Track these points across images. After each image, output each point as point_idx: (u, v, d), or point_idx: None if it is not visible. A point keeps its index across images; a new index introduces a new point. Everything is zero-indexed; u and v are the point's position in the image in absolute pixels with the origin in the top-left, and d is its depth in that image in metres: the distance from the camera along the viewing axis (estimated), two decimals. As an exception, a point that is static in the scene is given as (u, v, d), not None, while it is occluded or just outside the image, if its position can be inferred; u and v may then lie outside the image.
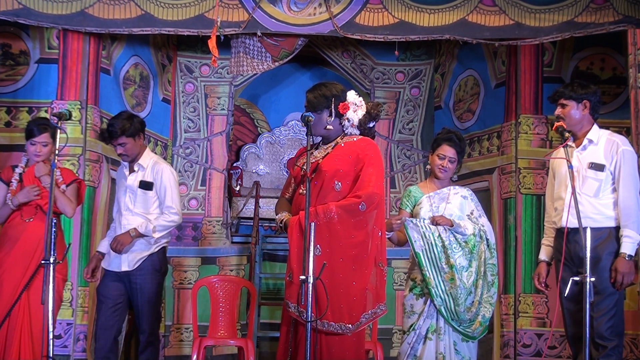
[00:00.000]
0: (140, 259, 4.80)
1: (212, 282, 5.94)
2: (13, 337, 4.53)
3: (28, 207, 4.69)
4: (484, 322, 4.47)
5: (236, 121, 7.40)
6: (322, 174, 3.73)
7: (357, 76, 7.04)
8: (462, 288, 4.40)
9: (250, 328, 5.85)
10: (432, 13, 5.52)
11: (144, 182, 4.83)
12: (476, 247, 4.48)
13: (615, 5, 5.29)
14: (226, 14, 5.56)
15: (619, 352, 4.05)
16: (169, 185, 4.83)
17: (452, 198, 4.58)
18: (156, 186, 4.83)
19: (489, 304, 4.48)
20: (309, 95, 3.85)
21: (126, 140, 4.76)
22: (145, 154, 4.90)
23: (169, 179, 4.84)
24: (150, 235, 4.77)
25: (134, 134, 4.78)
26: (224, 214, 6.80)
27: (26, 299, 4.56)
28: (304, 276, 3.41)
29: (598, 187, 4.10)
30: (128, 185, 4.86)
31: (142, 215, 4.82)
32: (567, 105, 4.19)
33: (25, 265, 4.59)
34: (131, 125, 4.76)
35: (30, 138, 4.71)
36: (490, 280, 4.50)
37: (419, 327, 4.44)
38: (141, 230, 4.75)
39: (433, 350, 4.42)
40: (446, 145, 4.54)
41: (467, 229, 4.47)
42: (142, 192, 4.82)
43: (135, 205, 4.83)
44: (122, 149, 4.78)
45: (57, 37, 5.60)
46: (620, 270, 3.98)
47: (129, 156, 4.82)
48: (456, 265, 4.41)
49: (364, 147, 3.79)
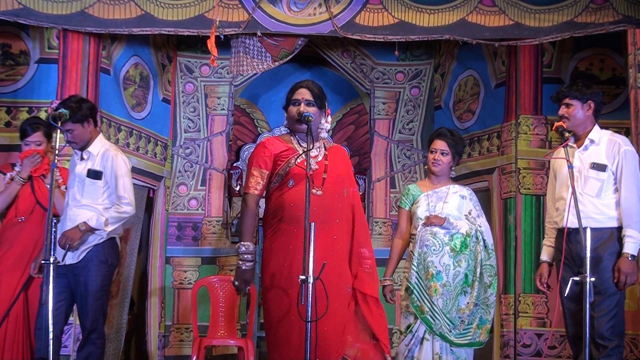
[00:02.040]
0: (85, 250, 4.46)
1: (212, 282, 5.95)
2: (11, 337, 4.54)
3: (25, 204, 4.68)
4: (482, 325, 4.47)
5: (236, 121, 7.40)
6: (333, 180, 3.77)
7: (357, 76, 7.04)
8: (447, 293, 4.42)
9: (250, 328, 5.85)
10: (432, 13, 5.53)
11: (92, 170, 4.47)
12: (468, 247, 4.48)
13: (615, 5, 5.29)
14: (226, 14, 5.57)
15: (620, 352, 4.05)
16: (120, 173, 4.49)
17: (451, 197, 4.58)
18: (105, 175, 4.48)
19: (486, 305, 4.48)
20: (315, 88, 3.82)
21: (73, 126, 4.42)
22: (97, 141, 4.55)
23: (120, 166, 4.50)
24: (102, 229, 4.42)
25: (82, 119, 4.44)
26: (224, 214, 6.80)
27: (24, 300, 4.57)
28: (304, 276, 3.40)
29: (600, 187, 4.10)
30: (77, 174, 4.51)
31: (89, 206, 4.46)
32: (572, 105, 4.18)
33: (23, 265, 4.59)
34: (79, 110, 4.43)
35: (24, 138, 4.71)
36: (488, 282, 4.49)
37: (416, 330, 4.45)
38: (91, 224, 4.39)
39: (430, 352, 4.43)
40: (437, 139, 4.63)
41: (461, 228, 4.48)
42: (90, 182, 4.46)
43: (83, 196, 4.47)
44: (70, 135, 4.46)
45: (57, 37, 5.60)
46: (623, 270, 3.99)
47: (77, 143, 4.49)
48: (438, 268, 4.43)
49: (347, 155, 4.01)
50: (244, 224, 3.74)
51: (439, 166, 4.59)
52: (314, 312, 3.40)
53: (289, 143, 3.82)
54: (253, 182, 3.75)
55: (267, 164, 3.75)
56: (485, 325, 4.49)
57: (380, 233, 6.79)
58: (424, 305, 4.43)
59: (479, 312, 4.48)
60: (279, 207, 3.73)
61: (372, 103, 7.01)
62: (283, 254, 3.69)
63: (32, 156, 4.65)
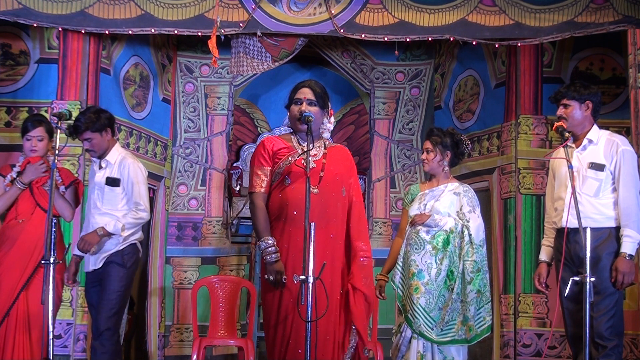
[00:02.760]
0: (105, 256, 4.64)
1: (212, 282, 5.94)
2: (11, 338, 4.54)
3: (25, 206, 4.69)
4: (466, 322, 4.47)
5: (236, 121, 7.40)
6: (331, 178, 3.75)
7: (357, 76, 7.04)
8: (430, 291, 4.43)
9: (250, 328, 5.85)
10: (432, 13, 5.53)
11: (110, 178, 4.67)
12: (451, 244, 4.49)
13: (615, 5, 5.29)
14: (226, 14, 5.57)
15: (619, 352, 4.05)
16: (136, 180, 4.68)
17: (444, 195, 4.60)
18: (123, 182, 4.67)
19: (465, 302, 4.48)
20: (318, 88, 3.84)
21: (92, 135, 4.64)
22: (114, 149, 4.75)
23: (135, 174, 4.69)
24: (119, 233, 4.60)
25: (100, 129, 4.65)
26: (224, 214, 6.80)
27: (24, 299, 4.57)
28: (304, 276, 3.40)
29: (598, 187, 4.10)
30: (96, 182, 4.72)
31: (109, 214, 4.65)
32: (570, 105, 4.18)
33: (23, 266, 4.59)
34: (97, 120, 4.64)
35: (26, 133, 4.72)
36: (468, 278, 4.49)
37: (404, 329, 4.48)
38: (109, 229, 4.58)
39: (415, 350, 4.45)
40: (426, 139, 4.73)
41: (445, 225, 4.50)
42: (109, 189, 4.67)
43: (103, 203, 4.68)
44: (89, 144, 4.68)
45: (57, 37, 5.60)
46: (621, 270, 3.99)
47: (96, 152, 4.70)
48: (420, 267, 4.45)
49: (349, 155, 3.99)
50: (257, 223, 3.75)
51: (427, 165, 4.68)
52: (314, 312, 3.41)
53: (289, 142, 3.83)
54: (257, 181, 3.79)
55: (268, 161, 3.80)
56: (468, 322, 4.47)
57: (380, 233, 6.80)
58: (407, 304, 4.45)
59: (462, 308, 4.48)
60: (277, 206, 3.74)
61: (372, 103, 7.01)
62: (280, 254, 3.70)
63: (38, 164, 4.67)
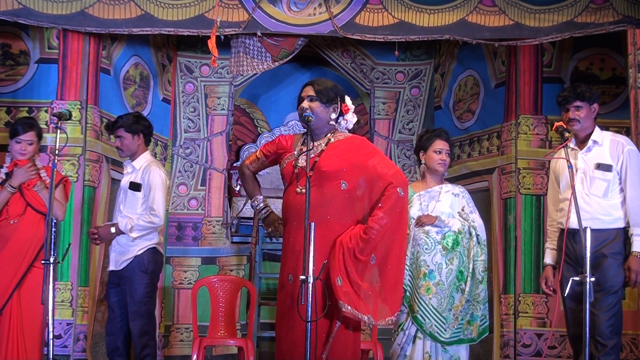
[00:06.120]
0: (125, 260, 4.81)
1: (212, 282, 5.94)
2: (4, 338, 4.53)
3: (16, 207, 4.68)
4: (474, 321, 4.47)
5: (236, 121, 7.40)
6: (323, 174, 3.71)
7: (357, 76, 7.04)
8: (441, 292, 4.42)
9: (250, 328, 5.85)
10: (432, 13, 5.53)
11: (133, 183, 4.87)
12: (460, 244, 4.49)
13: (615, 5, 5.29)
14: (226, 14, 5.57)
15: (618, 351, 4.07)
16: (155, 186, 4.82)
17: (443, 196, 4.60)
18: (144, 187, 4.84)
19: (477, 301, 4.49)
20: (319, 85, 3.83)
21: (124, 134, 4.86)
22: (142, 156, 4.95)
23: (155, 180, 4.83)
24: (127, 233, 4.75)
25: (134, 131, 4.87)
26: (224, 214, 6.80)
27: (17, 300, 4.57)
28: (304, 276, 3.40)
29: (606, 188, 4.11)
30: (122, 186, 4.94)
31: (128, 217, 4.82)
32: (582, 107, 4.21)
33: (16, 266, 4.59)
34: (134, 123, 4.87)
35: (15, 136, 4.71)
36: (479, 278, 4.50)
37: (408, 328, 4.47)
38: (120, 227, 4.78)
39: (421, 351, 4.44)
40: (439, 140, 4.63)
41: (453, 226, 4.49)
42: (131, 193, 4.86)
43: (125, 206, 4.87)
44: (119, 141, 4.90)
45: (57, 37, 5.60)
46: (634, 269, 4.00)
47: (124, 151, 4.92)
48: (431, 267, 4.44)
49: (359, 143, 3.84)
50: (245, 187, 4.08)
51: (446, 166, 4.65)
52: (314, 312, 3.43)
53: (294, 143, 3.87)
54: (251, 157, 4.03)
55: (270, 152, 3.93)
56: (476, 322, 4.48)
57: (380, 233, 6.79)
58: (414, 304, 4.44)
59: (470, 308, 4.49)
60: (282, 210, 3.85)
61: (372, 103, 7.01)
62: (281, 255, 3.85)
63: (27, 167, 4.66)
